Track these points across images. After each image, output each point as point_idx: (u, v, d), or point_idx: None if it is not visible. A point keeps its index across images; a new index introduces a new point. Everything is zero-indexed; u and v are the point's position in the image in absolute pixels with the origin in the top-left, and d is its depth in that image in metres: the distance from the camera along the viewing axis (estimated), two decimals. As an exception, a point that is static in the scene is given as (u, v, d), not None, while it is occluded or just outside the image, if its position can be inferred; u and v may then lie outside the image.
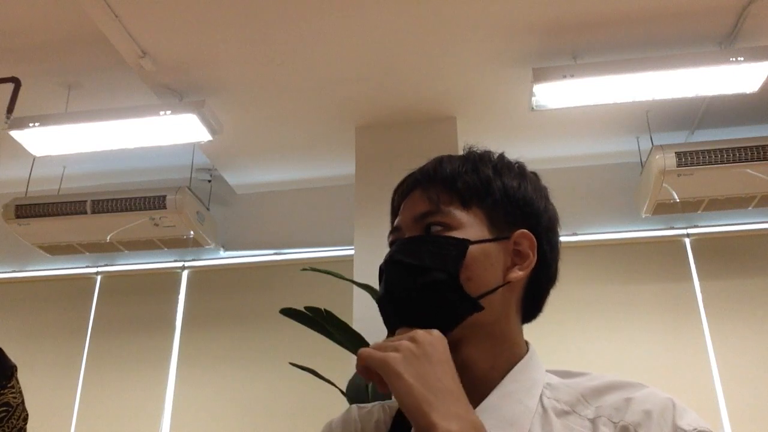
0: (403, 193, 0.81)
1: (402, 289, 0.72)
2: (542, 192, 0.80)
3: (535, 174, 0.82)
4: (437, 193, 0.76)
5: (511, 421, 0.68)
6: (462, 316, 0.71)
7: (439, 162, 0.79)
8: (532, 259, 0.74)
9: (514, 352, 0.75)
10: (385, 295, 0.74)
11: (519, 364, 0.74)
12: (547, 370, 0.76)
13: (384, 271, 0.75)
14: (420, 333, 0.64)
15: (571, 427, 0.68)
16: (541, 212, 0.77)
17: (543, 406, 0.70)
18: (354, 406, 0.82)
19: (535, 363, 0.75)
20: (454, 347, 0.73)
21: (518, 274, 0.74)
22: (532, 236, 0.75)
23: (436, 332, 0.66)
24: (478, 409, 0.69)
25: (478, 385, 0.72)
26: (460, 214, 0.74)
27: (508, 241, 0.74)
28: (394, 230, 0.80)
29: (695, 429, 0.64)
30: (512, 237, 0.74)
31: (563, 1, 2.39)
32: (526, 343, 0.78)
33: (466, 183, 0.76)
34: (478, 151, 0.81)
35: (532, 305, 0.79)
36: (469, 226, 0.74)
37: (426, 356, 0.62)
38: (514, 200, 0.76)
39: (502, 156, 0.81)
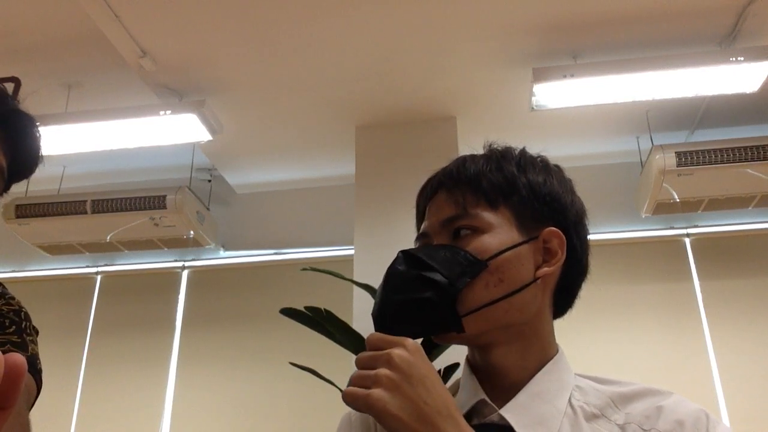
0: (427, 196, 0.79)
1: (400, 281, 0.70)
2: (568, 185, 0.78)
3: (558, 167, 0.80)
4: (463, 194, 0.74)
5: (540, 420, 0.67)
6: (438, 331, 0.70)
7: (462, 162, 0.77)
8: (561, 256, 0.73)
9: (545, 352, 0.74)
10: (384, 282, 0.72)
11: (549, 364, 0.73)
12: (576, 374, 0.75)
13: (394, 261, 0.73)
14: (395, 354, 0.61)
15: (599, 431, 0.67)
16: (568, 207, 0.76)
17: (572, 408, 0.69)
18: None
19: (564, 364, 0.74)
20: (485, 350, 0.72)
21: (547, 270, 0.72)
22: (561, 234, 0.73)
23: (409, 344, 0.63)
24: (506, 407, 0.69)
25: (508, 387, 0.71)
26: (488, 216, 0.72)
27: (537, 240, 0.73)
28: (421, 236, 0.77)
29: None
30: (541, 235, 0.73)
31: (563, 1, 2.39)
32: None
33: (491, 182, 0.74)
34: (500, 148, 0.80)
35: (563, 300, 0.78)
36: (498, 227, 0.72)
37: (406, 380, 0.60)
38: (540, 196, 0.74)
39: (524, 151, 0.79)
